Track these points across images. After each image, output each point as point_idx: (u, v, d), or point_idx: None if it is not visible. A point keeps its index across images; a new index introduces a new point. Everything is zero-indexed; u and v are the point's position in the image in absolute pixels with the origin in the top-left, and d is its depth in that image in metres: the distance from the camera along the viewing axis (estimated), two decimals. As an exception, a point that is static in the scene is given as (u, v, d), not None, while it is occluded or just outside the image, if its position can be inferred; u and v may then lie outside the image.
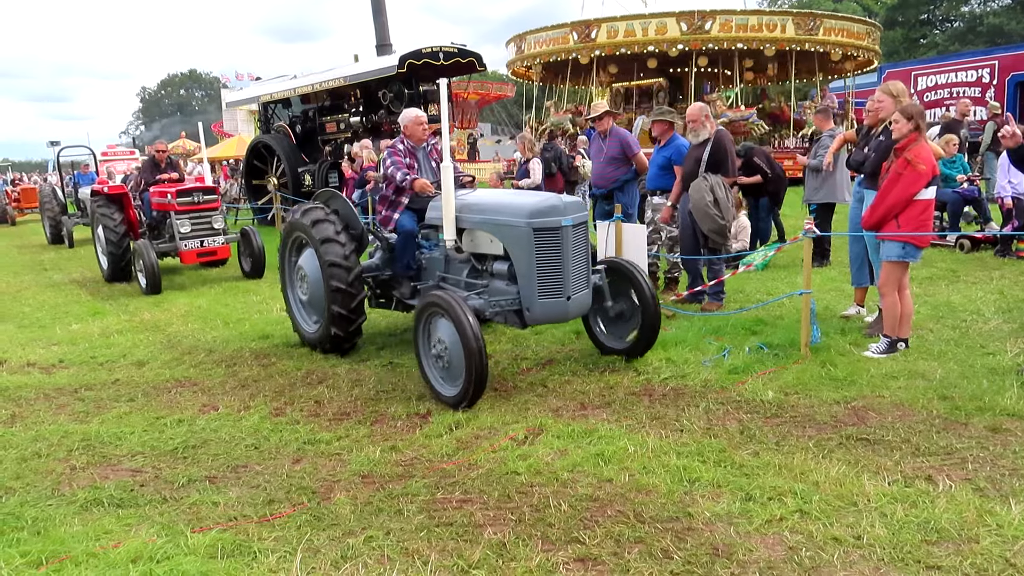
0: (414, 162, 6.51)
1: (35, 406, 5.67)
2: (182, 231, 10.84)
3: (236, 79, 49.68)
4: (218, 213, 11.27)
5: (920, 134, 5.54)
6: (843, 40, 22.92)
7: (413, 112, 6.74)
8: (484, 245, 5.73)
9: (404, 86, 16.59)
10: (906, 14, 48.66)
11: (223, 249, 11.27)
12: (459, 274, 5.97)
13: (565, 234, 5.28)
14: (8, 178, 34.94)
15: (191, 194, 10.99)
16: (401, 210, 6.43)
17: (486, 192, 6.47)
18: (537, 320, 5.44)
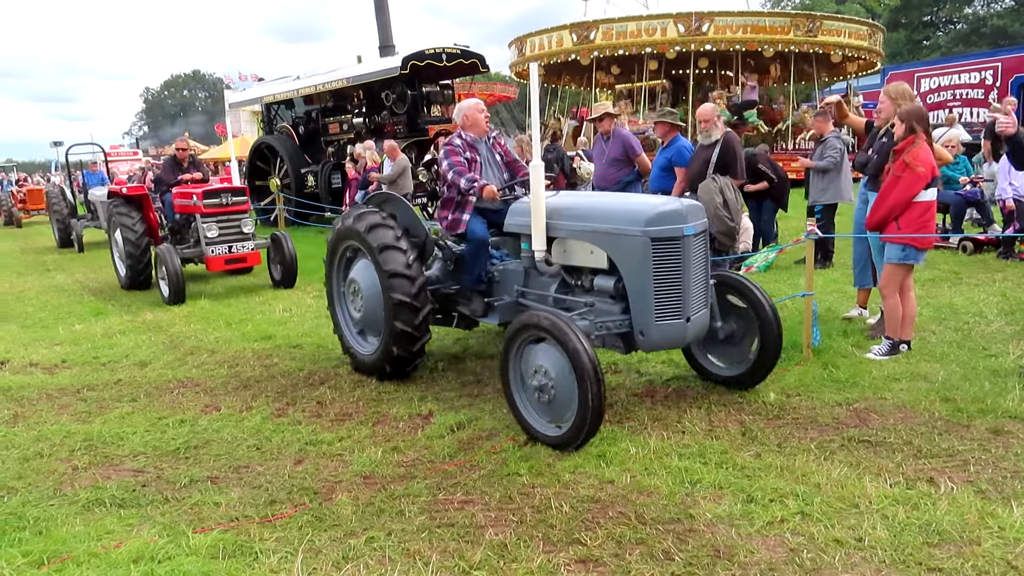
0: (476, 156, 5.78)
1: (37, 406, 5.68)
2: (208, 236, 9.84)
3: (239, 80, 49.73)
4: (247, 216, 10.29)
5: (918, 136, 5.55)
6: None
7: (472, 100, 6.05)
8: (580, 257, 4.96)
9: (407, 87, 16.62)
10: (909, 16, 48.65)
11: (252, 256, 10.27)
12: (544, 289, 5.22)
13: (687, 245, 4.52)
14: (13, 179, 34.79)
15: (219, 195, 10.00)
16: (470, 210, 5.66)
17: (582, 195, 5.78)
18: (652, 346, 4.67)
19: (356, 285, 5.95)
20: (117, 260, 11.18)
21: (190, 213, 10.21)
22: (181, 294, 9.40)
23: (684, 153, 7.96)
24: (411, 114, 16.93)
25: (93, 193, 16.22)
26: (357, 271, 6.01)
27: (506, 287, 5.59)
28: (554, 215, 4.97)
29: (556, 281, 5.16)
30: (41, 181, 32.62)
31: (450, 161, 5.66)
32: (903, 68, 28.95)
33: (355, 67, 18.12)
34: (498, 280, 5.67)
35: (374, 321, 5.84)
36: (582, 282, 5.05)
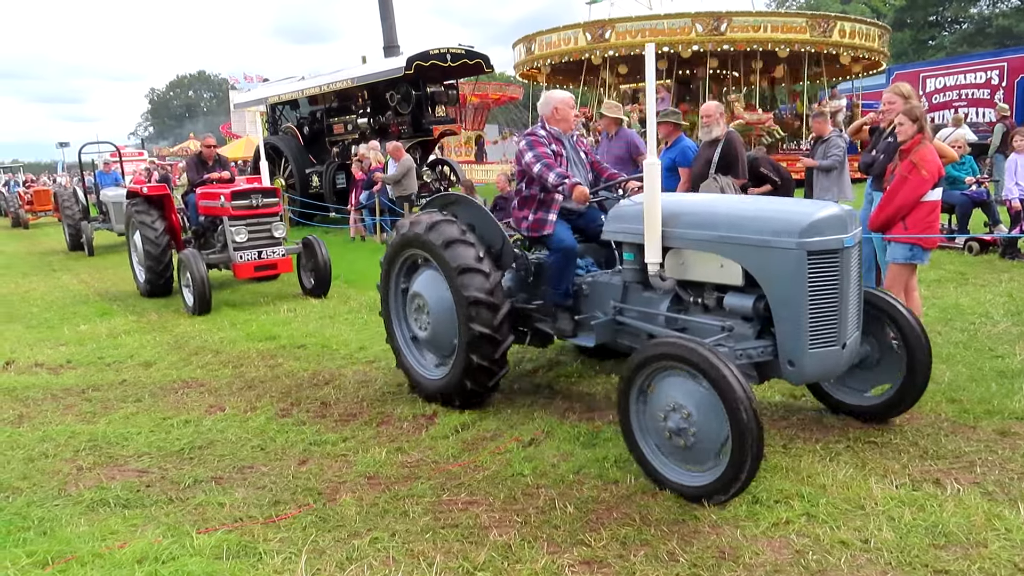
0: (561, 150, 5.20)
1: (42, 406, 5.69)
2: (237, 240, 9.07)
3: (245, 81, 49.86)
4: (279, 219, 9.53)
5: (924, 135, 5.53)
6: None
7: (565, 93, 5.40)
8: (704, 271, 4.22)
9: (411, 88, 16.63)
10: (914, 16, 48.54)
11: (284, 262, 9.46)
12: (649, 306, 4.54)
13: (846, 258, 3.87)
14: (20, 179, 34.73)
15: (248, 196, 9.23)
16: (557, 210, 5.06)
17: (706, 199, 5.20)
18: (803, 378, 3.98)
19: (421, 300, 5.27)
20: (136, 265, 10.51)
21: (216, 215, 9.52)
22: (207, 303, 8.74)
23: (688, 153, 7.94)
24: (415, 114, 16.95)
25: (105, 194, 15.83)
26: (423, 284, 5.31)
27: (598, 303, 4.90)
28: (671, 222, 4.24)
29: (667, 298, 4.46)
30: (47, 182, 32.64)
31: (536, 153, 5.01)
32: (908, 68, 28.89)
33: (359, 68, 18.15)
34: (586, 294, 5.00)
35: (443, 343, 5.21)
36: (703, 300, 4.32)
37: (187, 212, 10.49)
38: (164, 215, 9.98)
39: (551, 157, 5.03)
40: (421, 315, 5.33)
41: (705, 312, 4.33)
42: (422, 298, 5.27)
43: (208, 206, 9.63)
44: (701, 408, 3.60)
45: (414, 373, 5.49)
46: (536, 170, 4.95)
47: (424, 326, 5.31)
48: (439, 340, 5.23)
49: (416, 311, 5.39)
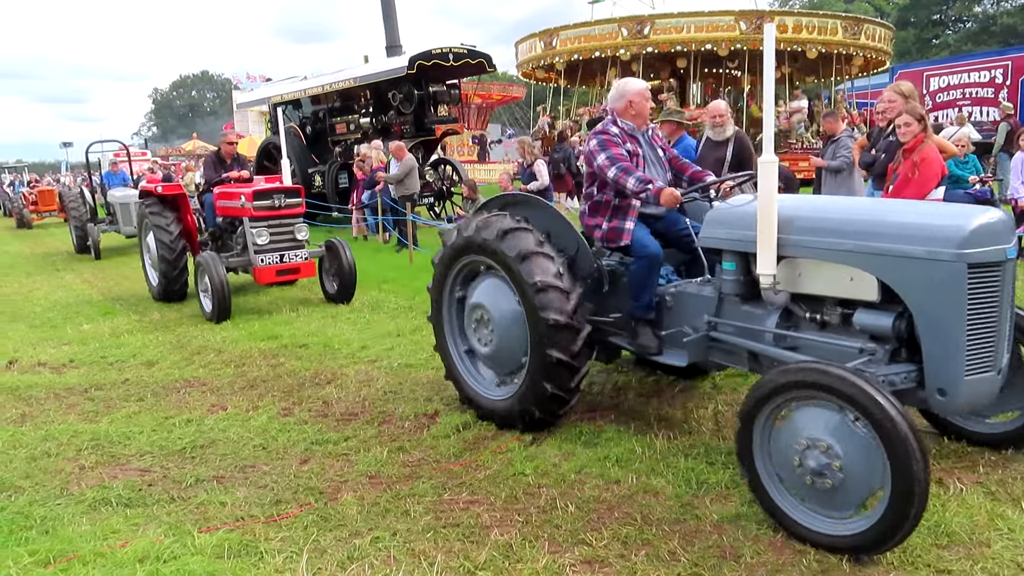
0: (637, 149, 4.65)
1: (45, 405, 5.70)
2: (258, 242, 8.59)
3: (248, 80, 49.96)
4: (301, 221, 9.03)
5: (927, 135, 5.52)
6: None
7: (636, 82, 4.83)
8: (827, 283, 3.68)
9: (414, 87, 16.64)
10: (918, 14, 48.44)
11: (307, 266, 8.97)
12: (754, 322, 4.01)
13: (1006, 272, 3.39)
14: (25, 179, 34.70)
15: (270, 196, 8.70)
16: (634, 216, 4.55)
17: (829, 201, 4.65)
18: (955, 408, 3.50)
19: (483, 312, 4.80)
20: (149, 268, 10.04)
21: (235, 216, 9.05)
22: (226, 310, 8.28)
23: (690, 152, 7.92)
24: (418, 114, 16.95)
25: (113, 194, 15.27)
26: (486, 294, 4.82)
27: (684, 316, 4.39)
28: (787, 227, 3.72)
29: (774, 313, 3.95)
30: (51, 182, 32.67)
31: (610, 154, 4.49)
32: (912, 67, 28.83)
33: (362, 67, 18.17)
34: (670, 306, 4.48)
35: (507, 361, 4.76)
36: (822, 316, 3.78)
37: (203, 213, 10.05)
38: (179, 216, 9.57)
39: (627, 158, 4.52)
40: (483, 329, 4.83)
41: (822, 330, 3.80)
42: (484, 309, 4.77)
43: (227, 206, 9.16)
44: (848, 447, 3.10)
45: (468, 388, 5.01)
46: (611, 175, 4.45)
47: (486, 341, 4.82)
48: (503, 357, 4.77)
49: (478, 324, 4.88)
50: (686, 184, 4.73)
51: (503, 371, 4.87)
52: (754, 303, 4.04)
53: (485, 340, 4.85)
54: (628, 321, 4.57)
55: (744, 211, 3.99)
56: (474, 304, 4.88)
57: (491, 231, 4.56)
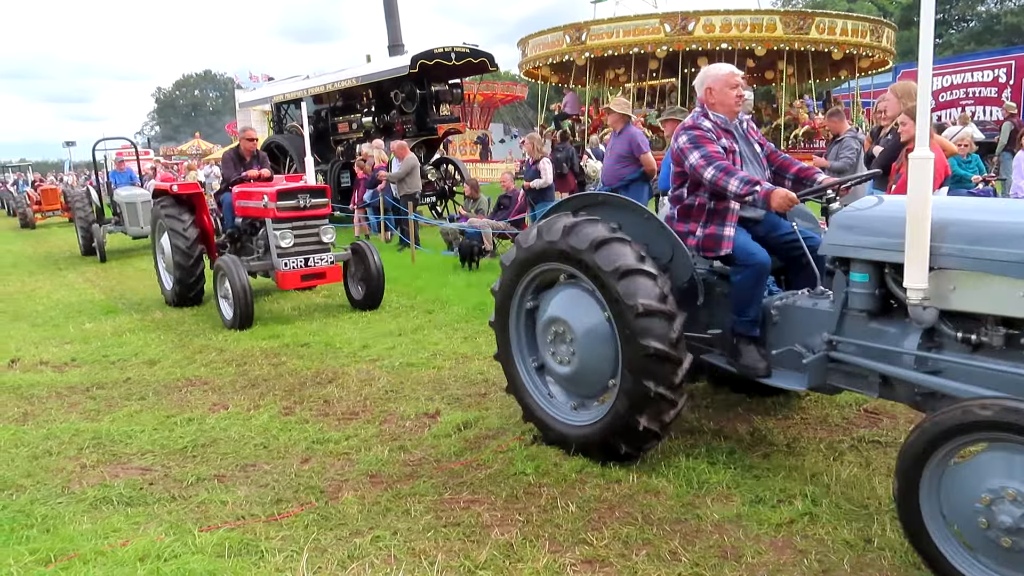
0: (733, 145, 4.13)
1: (47, 404, 5.71)
2: (282, 245, 8.10)
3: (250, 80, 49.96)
4: (327, 223, 8.52)
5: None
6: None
7: (720, 67, 4.25)
8: (991, 300, 3.14)
9: (416, 86, 16.64)
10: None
11: (332, 270, 8.42)
12: (888, 341, 3.48)
13: None
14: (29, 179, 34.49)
15: (295, 196, 8.19)
16: (734, 221, 4.04)
17: (987, 203, 4.13)
18: None
19: (563, 326, 4.22)
20: (162, 271, 9.58)
21: (256, 217, 8.60)
22: (249, 317, 7.81)
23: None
24: (420, 113, 16.96)
25: (119, 194, 14.86)
26: (564, 305, 4.25)
27: (796, 333, 3.88)
28: (939, 235, 3.20)
29: (915, 332, 3.40)
30: (54, 181, 32.67)
31: (704, 151, 3.98)
32: (915, 66, 28.72)
33: (364, 66, 18.18)
34: (776, 322, 3.97)
35: (593, 378, 4.18)
36: (980, 337, 3.22)
37: (220, 213, 9.56)
38: (195, 216, 9.07)
39: (723, 156, 4.00)
40: (561, 345, 4.26)
41: (975, 352, 3.26)
42: (564, 324, 4.20)
43: (247, 207, 8.71)
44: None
45: (536, 408, 4.46)
46: (709, 176, 3.92)
47: (565, 359, 4.25)
48: (584, 379, 4.22)
49: (555, 339, 4.30)
50: (791, 183, 4.23)
51: (582, 393, 4.32)
52: (885, 319, 3.54)
53: (564, 358, 4.26)
54: (729, 338, 4.07)
55: (882, 215, 3.51)
56: (552, 318, 4.29)
57: (581, 239, 3.95)
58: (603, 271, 3.84)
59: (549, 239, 4.13)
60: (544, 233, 4.17)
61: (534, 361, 4.55)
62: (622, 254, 3.85)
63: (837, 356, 3.65)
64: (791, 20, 22.53)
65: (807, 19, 22.60)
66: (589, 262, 3.91)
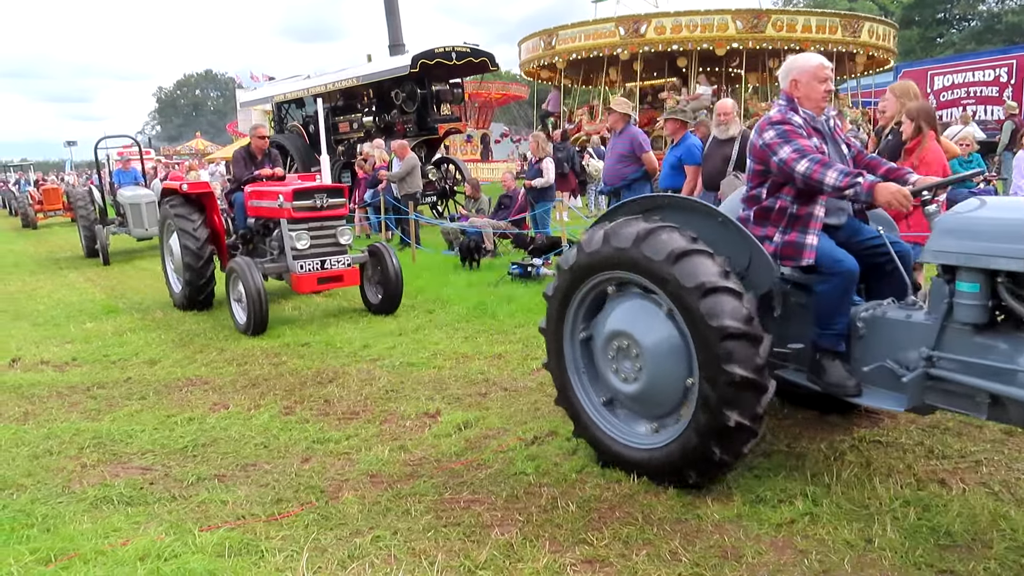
0: (823, 144, 3.83)
1: (48, 404, 5.71)
2: (298, 247, 7.79)
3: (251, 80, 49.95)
4: (344, 224, 8.24)
5: (925, 136, 5.49)
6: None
7: (808, 57, 3.96)
8: None
9: (416, 86, 16.64)
10: (923, 13, 48.35)
11: (350, 273, 8.12)
12: (1001, 358, 3.13)
13: None
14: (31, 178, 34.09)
15: (311, 196, 7.90)
16: (817, 228, 3.72)
17: None
18: None
19: (627, 340, 3.84)
20: (171, 273, 9.31)
21: (270, 217, 8.32)
22: (263, 321, 7.51)
23: (694, 151, 7.93)
24: (421, 113, 16.96)
25: (123, 194, 14.41)
26: (626, 317, 3.88)
27: (888, 348, 3.55)
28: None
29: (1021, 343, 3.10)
30: (55, 180, 32.59)
31: (796, 145, 3.66)
32: (916, 66, 28.74)
33: (365, 66, 18.19)
34: (862, 335, 3.65)
35: (662, 396, 3.80)
36: None
37: (230, 213, 9.26)
38: (206, 217, 8.77)
39: (815, 149, 3.70)
40: (625, 361, 3.88)
41: None
42: (630, 338, 3.82)
43: (260, 206, 8.41)
44: None
45: (594, 429, 4.07)
46: (803, 169, 3.58)
47: (630, 376, 3.87)
48: (652, 398, 3.83)
49: (618, 355, 3.91)
50: None
51: (650, 414, 3.92)
52: (994, 334, 3.19)
53: (629, 375, 3.88)
54: (811, 353, 3.74)
55: (996, 218, 3.20)
56: (614, 331, 3.89)
57: (657, 249, 3.55)
58: (682, 287, 3.45)
59: (618, 245, 3.69)
60: (612, 238, 3.73)
61: (602, 395, 4.10)
62: (705, 269, 3.45)
63: (937, 373, 3.31)
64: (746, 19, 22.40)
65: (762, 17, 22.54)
66: (666, 275, 3.52)
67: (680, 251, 3.50)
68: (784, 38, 21.97)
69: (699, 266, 3.46)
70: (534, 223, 11.43)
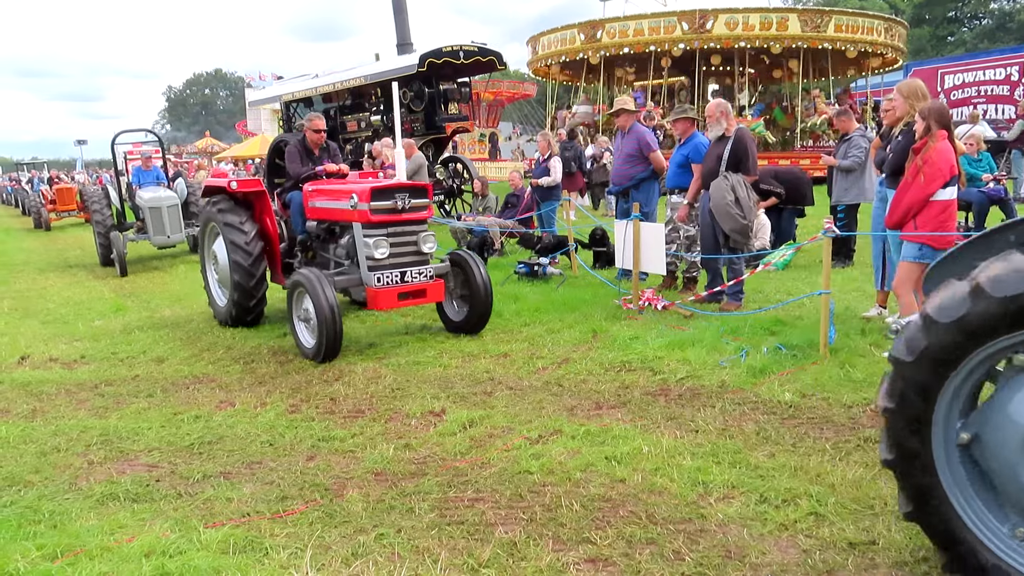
0: None
1: (56, 401, 5.75)
2: (376, 256, 6.50)
3: (260, 79, 50.15)
4: (427, 229, 6.97)
5: (933, 136, 5.46)
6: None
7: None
8: None
9: (424, 85, 16.66)
10: (933, 12, 48.10)
11: (434, 287, 6.80)
12: None
13: None
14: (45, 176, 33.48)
15: (392, 196, 6.65)
16: None
17: None
18: None
19: None
20: (213, 284, 8.16)
21: (338, 221, 7.19)
22: (336, 345, 6.33)
23: (701, 150, 7.91)
24: (428, 112, 16.97)
25: (143, 196, 12.88)
26: None
27: None
28: None
29: None
30: (65, 179, 32.58)
31: None
32: (926, 64, 28.58)
33: (373, 65, 18.21)
34: None
35: None
36: None
37: (284, 215, 8.11)
38: (258, 223, 7.63)
39: None
40: None
41: None
42: None
43: (324, 208, 7.23)
44: None
45: None
46: None
47: None
48: None
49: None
50: None
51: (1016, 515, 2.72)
52: None
53: None
54: None
55: None
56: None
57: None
58: None
59: (1011, 293, 2.45)
60: (993, 287, 2.48)
61: (981, 492, 2.79)
62: None
63: None
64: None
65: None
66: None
67: None
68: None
69: None
70: (540, 222, 11.43)
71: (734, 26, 21.86)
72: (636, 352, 6.11)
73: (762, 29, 21.93)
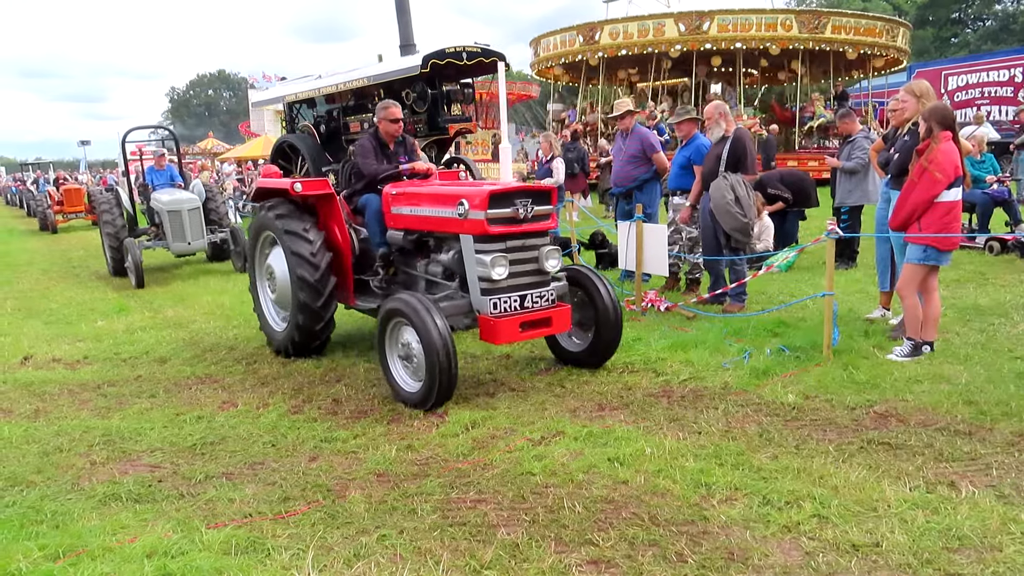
0: None
1: (59, 401, 5.75)
2: (493, 276, 5.20)
3: (263, 80, 50.17)
4: (550, 243, 5.59)
5: (936, 137, 5.44)
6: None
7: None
8: None
9: (427, 86, 16.64)
10: (937, 13, 48.03)
11: (559, 314, 5.44)
12: None
13: None
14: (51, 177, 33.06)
15: (512, 202, 5.29)
16: None
17: None
18: None
19: None
20: (269, 305, 6.97)
21: (431, 232, 5.93)
22: (450, 389, 5.10)
23: (703, 151, 7.91)
24: (431, 113, 16.95)
25: (158, 199, 11.91)
26: None
27: None
28: None
29: None
30: (69, 180, 32.50)
31: None
32: (930, 66, 28.55)
33: (376, 66, 18.12)
34: None
35: None
36: None
37: (355, 223, 6.65)
38: (323, 228, 6.43)
39: None
40: None
41: None
42: None
43: (421, 216, 5.87)
44: None
45: None
46: None
47: None
48: None
49: None
50: None
51: None
52: None
53: None
54: None
55: None
56: None
57: None
58: None
59: None
60: None
61: None
62: None
63: None
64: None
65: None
66: None
67: None
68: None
69: None
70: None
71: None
72: (639, 353, 6.11)
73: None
